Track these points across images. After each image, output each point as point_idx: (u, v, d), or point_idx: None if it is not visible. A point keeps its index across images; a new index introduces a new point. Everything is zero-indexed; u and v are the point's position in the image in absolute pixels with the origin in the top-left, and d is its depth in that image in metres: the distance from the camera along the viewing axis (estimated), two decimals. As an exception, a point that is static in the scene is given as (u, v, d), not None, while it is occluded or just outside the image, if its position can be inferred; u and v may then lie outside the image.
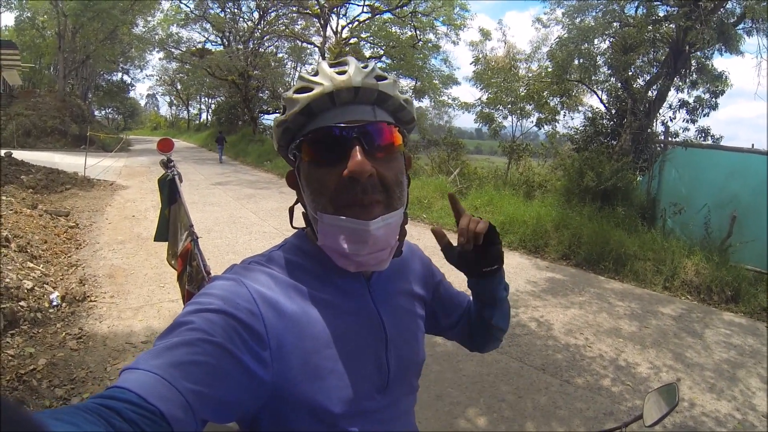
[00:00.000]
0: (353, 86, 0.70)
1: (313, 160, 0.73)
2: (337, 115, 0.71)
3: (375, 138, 0.71)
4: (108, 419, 0.45)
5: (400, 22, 21.00)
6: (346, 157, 0.69)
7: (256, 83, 26.55)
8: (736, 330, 4.90)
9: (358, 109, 0.72)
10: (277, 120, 0.76)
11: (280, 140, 0.77)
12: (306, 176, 0.74)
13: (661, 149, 8.50)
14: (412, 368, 0.86)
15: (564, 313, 4.94)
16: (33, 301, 4.05)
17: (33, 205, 7.40)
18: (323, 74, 0.71)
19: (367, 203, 0.70)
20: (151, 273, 5.38)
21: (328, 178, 0.70)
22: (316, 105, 0.71)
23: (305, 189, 0.75)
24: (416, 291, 0.92)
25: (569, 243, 7.23)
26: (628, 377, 3.74)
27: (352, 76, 0.70)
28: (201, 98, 51.56)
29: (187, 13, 25.43)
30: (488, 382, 3.53)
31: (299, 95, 0.71)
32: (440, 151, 14.95)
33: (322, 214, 0.71)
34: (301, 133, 0.74)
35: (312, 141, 0.72)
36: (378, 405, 0.76)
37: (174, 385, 0.51)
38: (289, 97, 0.73)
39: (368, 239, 0.70)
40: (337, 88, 0.70)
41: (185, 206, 2.63)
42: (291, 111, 0.72)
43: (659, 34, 10.18)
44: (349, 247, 0.70)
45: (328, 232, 0.71)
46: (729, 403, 3.46)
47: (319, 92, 0.70)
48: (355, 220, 0.69)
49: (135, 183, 12.50)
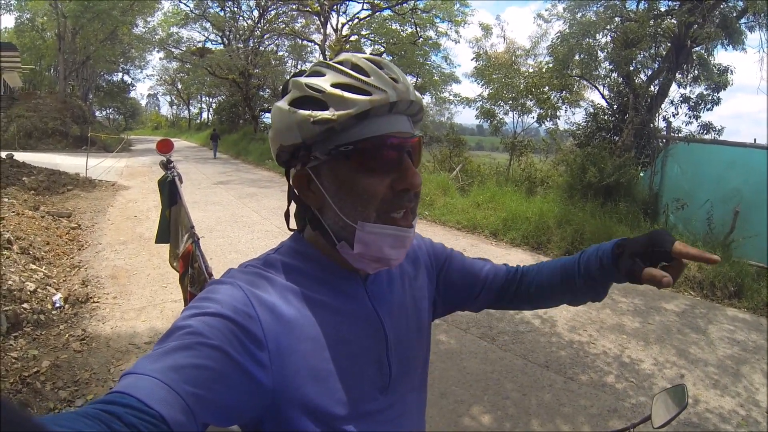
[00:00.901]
0: (410, 99, 0.71)
1: (363, 167, 0.70)
2: (392, 124, 0.71)
3: (416, 151, 0.74)
4: (109, 424, 0.44)
5: (401, 19, 20.96)
6: (395, 167, 0.71)
7: (256, 82, 26.57)
8: (739, 326, 4.89)
9: (402, 120, 0.73)
10: (317, 117, 0.67)
11: (308, 138, 0.70)
12: (348, 184, 0.70)
13: (664, 144, 8.47)
14: (415, 364, 0.85)
15: (567, 310, 4.92)
16: (36, 303, 4.06)
17: (35, 207, 7.41)
18: (380, 78, 0.69)
19: (407, 211, 0.73)
20: (154, 273, 5.39)
21: (378, 188, 0.70)
22: (374, 111, 0.68)
23: (338, 195, 0.71)
24: (418, 282, 0.91)
25: (572, 239, 7.21)
26: (632, 374, 3.73)
27: (410, 89, 0.71)
28: (202, 97, 51.61)
29: (186, 13, 25.45)
30: (492, 379, 3.53)
31: (355, 96, 0.67)
32: (442, 147, 14.93)
33: (364, 223, 0.70)
34: (346, 136, 0.69)
35: (370, 148, 0.69)
36: (380, 405, 0.76)
37: (174, 389, 0.51)
38: (335, 94, 0.67)
39: (407, 243, 0.73)
40: (400, 99, 0.69)
41: (186, 207, 2.62)
42: (343, 112, 0.67)
43: (661, 29, 10.13)
44: (389, 253, 0.72)
45: (371, 241, 0.71)
46: (733, 400, 3.45)
47: (382, 99, 0.68)
48: (401, 228, 0.72)
49: (137, 183, 12.52)
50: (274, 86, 27.75)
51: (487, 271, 1.00)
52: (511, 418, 3.06)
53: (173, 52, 28.10)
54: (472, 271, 0.99)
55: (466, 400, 3.23)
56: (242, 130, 28.03)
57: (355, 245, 0.71)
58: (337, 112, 0.67)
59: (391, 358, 0.78)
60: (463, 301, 1.00)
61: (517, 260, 6.70)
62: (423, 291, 0.92)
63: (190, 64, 29.15)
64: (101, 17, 24.72)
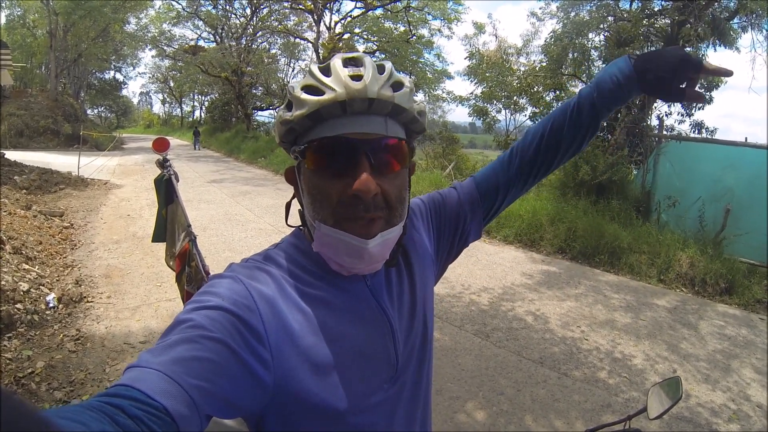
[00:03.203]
0: (368, 97, 0.66)
1: (317, 169, 0.70)
2: (347, 125, 0.68)
3: (384, 154, 0.69)
4: (113, 416, 0.45)
5: (394, 17, 20.93)
6: (352, 170, 0.67)
7: (249, 80, 26.39)
8: (730, 321, 4.95)
9: (370, 120, 0.69)
10: (281, 117, 0.71)
11: (283, 137, 0.74)
12: (307, 183, 0.72)
13: (656, 143, 8.53)
14: (423, 350, 0.84)
15: (560, 306, 4.97)
16: (29, 303, 4.04)
17: (27, 206, 7.36)
18: (336, 77, 0.67)
19: (368, 220, 0.69)
20: (148, 272, 5.37)
21: (331, 190, 0.68)
22: (325, 111, 0.67)
23: (305, 194, 0.73)
24: (419, 257, 0.89)
25: (564, 236, 7.27)
26: (624, 369, 3.77)
27: (368, 86, 0.66)
28: (194, 95, 51.26)
29: (178, 11, 25.27)
30: (487, 376, 3.56)
31: (308, 96, 0.67)
32: (435, 145, 14.95)
33: (321, 224, 0.70)
34: (306, 137, 0.71)
35: (318, 149, 0.69)
36: (388, 395, 0.76)
37: (177, 381, 0.52)
38: (296, 95, 0.68)
39: (364, 255, 0.70)
40: (351, 97, 0.66)
41: (182, 206, 2.62)
42: (298, 112, 0.68)
43: (654, 29, 10.20)
44: (345, 260, 0.71)
45: (325, 243, 0.71)
46: (724, 394, 3.50)
47: (330, 99, 0.66)
48: (354, 237, 0.68)
49: (129, 182, 12.44)
50: (266, 84, 27.66)
51: (479, 182, 0.99)
52: (505, 414, 3.09)
53: (165, 50, 27.95)
54: (471, 192, 0.98)
55: (461, 397, 3.25)
56: (235, 128, 27.90)
57: (314, 244, 0.73)
58: (296, 113, 0.68)
59: (398, 349, 0.78)
60: (479, 221, 0.99)
61: (510, 258, 6.76)
62: (427, 258, 0.91)
63: (182, 62, 28.97)
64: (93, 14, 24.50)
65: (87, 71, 39.05)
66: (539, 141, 0.95)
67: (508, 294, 5.32)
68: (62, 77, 29.98)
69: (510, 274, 6.09)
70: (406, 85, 0.72)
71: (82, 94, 39.44)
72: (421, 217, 0.94)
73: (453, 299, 5.06)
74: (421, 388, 0.84)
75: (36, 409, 0.28)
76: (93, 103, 47.88)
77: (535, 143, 0.95)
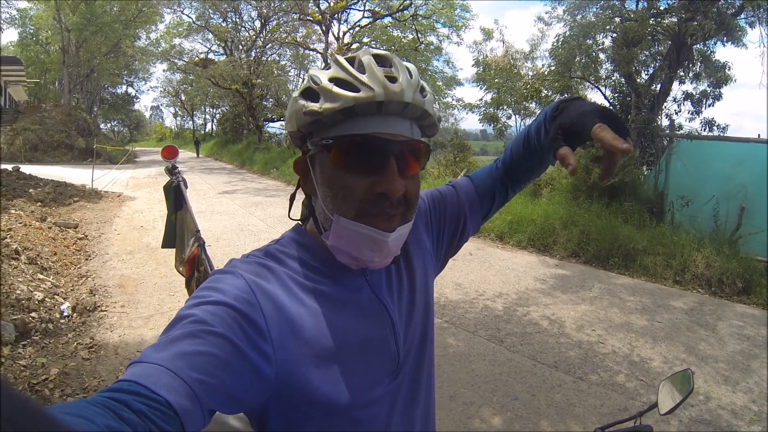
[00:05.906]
0: (404, 101, 0.68)
1: (344, 164, 0.70)
2: (380, 124, 0.69)
3: (409, 156, 0.71)
4: (116, 411, 0.45)
5: (402, 25, 21.05)
6: (381, 169, 0.68)
7: (259, 92, 26.63)
8: (749, 321, 4.85)
9: (400, 123, 0.71)
10: (305, 107, 0.69)
11: (302, 127, 0.72)
12: (329, 177, 0.71)
13: (667, 142, 8.44)
14: (424, 345, 0.84)
15: (575, 310, 4.91)
16: (44, 312, 4.08)
17: (42, 218, 7.46)
18: (372, 76, 0.67)
19: (390, 215, 0.70)
20: (161, 282, 5.41)
21: (356, 187, 0.69)
22: (360, 109, 0.67)
23: (323, 186, 0.73)
24: (418, 252, 0.89)
25: (578, 240, 7.19)
26: (641, 372, 3.71)
27: (405, 90, 0.68)
28: (205, 108, 51.90)
29: (189, 24, 25.66)
30: (501, 381, 3.51)
31: (341, 91, 0.67)
32: (446, 152, 14.94)
33: (341, 217, 0.70)
34: (333, 131, 0.70)
35: (349, 145, 0.69)
36: (390, 388, 0.76)
37: (179, 376, 0.52)
38: (326, 88, 0.68)
39: (383, 248, 0.71)
40: (389, 99, 0.67)
41: (191, 212, 2.64)
42: (328, 105, 0.67)
43: (661, 28, 10.13)
44: (364, 253, 0.71)
45: (344, 236, 0.71)
46: (745, 395, 3.42)
47: (368, 97, 0.66)
48: (376, 230, 0.69)
49: (142, 194, 12.59)
50: (277, 96, 27.88)
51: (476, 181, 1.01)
52: (521, 420, 3.04)
53: (176, 63, 28.38)
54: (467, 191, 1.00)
55: (475, 402, 3.22)
56: (246, 140, 28.13)
57: (330, 236, 0.72)
58: (325, 105, 0.67)
59: (399, 343, 0.78)
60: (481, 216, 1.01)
61: (523, 263, 6.71)
62: (426, 254, 0.91)
63: (193, 75, 29.34)
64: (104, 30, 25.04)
65: (99, 86, 39.81)
66: (510, 161, 0.98)
67: (522, 299, 5.26)
68: (75, 92, 30.53)
69: (523, 278, 6.03)
70: (428, 90, 0.74)
71: (95, 108, 40.17)
72: (420, 213, 0.94)
73: (467, 305, 5.02)
74: (420, 387, 0.83)
75: (41, 405, 0.28)
76: (106, 117, 48.80)
77: (507, 162, 0.99)
